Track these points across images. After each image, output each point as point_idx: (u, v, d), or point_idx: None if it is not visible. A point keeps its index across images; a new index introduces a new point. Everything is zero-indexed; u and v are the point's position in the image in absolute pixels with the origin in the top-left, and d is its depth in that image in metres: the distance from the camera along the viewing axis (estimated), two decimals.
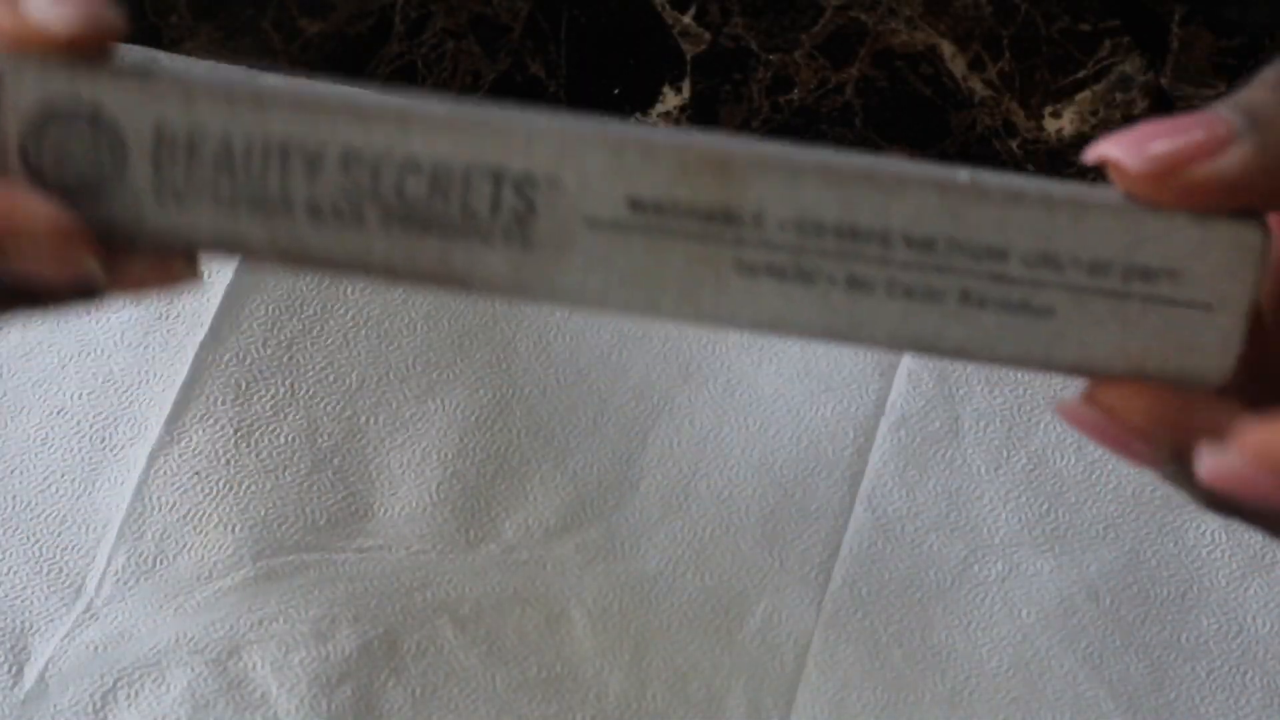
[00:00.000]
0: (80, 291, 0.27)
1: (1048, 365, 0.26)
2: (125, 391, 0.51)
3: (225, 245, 0.26)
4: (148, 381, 0.51)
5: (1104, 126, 0.60)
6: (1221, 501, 0.26)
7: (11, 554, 0.48)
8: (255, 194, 0.26)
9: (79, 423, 0.50)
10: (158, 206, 0.26)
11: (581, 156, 0.25)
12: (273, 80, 0.26)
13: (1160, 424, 0.25)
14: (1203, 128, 0.24)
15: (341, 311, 0.52)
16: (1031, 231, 0.25)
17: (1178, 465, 0.26)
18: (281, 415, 0.50)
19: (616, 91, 0.62)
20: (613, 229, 0.26)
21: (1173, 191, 0.24)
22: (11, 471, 0.49)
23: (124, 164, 0.26)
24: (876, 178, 0.25)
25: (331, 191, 0.26)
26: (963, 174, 0.25)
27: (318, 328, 0.52)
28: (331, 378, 0.51)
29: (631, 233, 0.26)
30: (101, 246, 0.26)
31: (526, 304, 0.50)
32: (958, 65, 0.61)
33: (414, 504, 0.49)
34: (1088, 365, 0.26)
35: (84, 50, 0.25)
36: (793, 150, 0.26)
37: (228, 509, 0.48)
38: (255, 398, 0.50)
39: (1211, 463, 0.24)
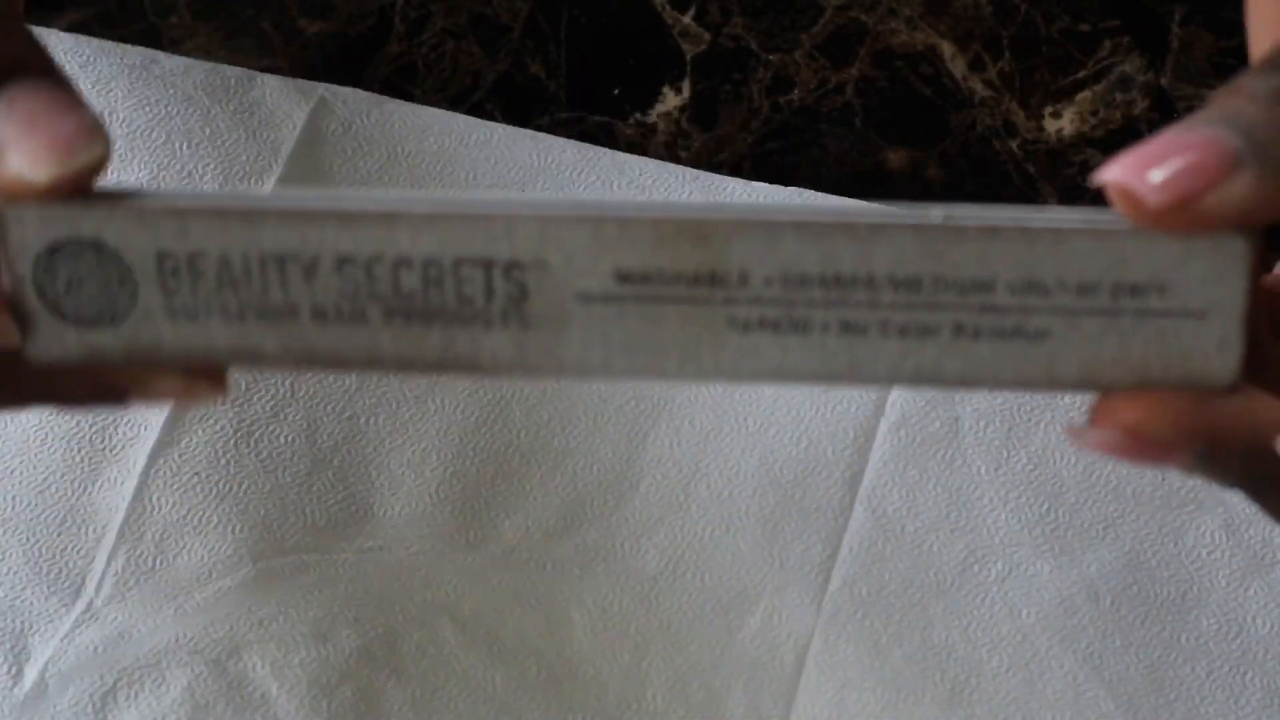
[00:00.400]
0: (108, 401, 0.28)
1: (1052, 385, 0.26)
2: None
3: (243, 356, 0.27)
4: None
5: (1104, 126, 0.60)
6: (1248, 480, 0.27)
7: (11, 554, 0.48)
8: (261, 305, 0.26)
9: (79, 423, 0.50)
10: (172, 326, 0.27)
11: (562, 237, 0.26)
12: (260, 193, 0.27)
13: (1186, 432, 0.26)
14: (1206, 151, 0.24)
15: None
16: (1013, 261, 0.25)
17: (1207, 464, 0.26)
18: (281, 415, 0.50)
19: (616, 91, 0.62)
20: (605, 302, 0.26)
21: (1181, 223, 0.24)
22: (11, 471, 0.49)
23: (134, 290, 0.26)
24: (852, 227, 0.25)
25: (332, 294, 0.26)
26: (936, 213, 0.26)
27: None
28: (331, 378, 0.51)
29: (624, 303, 0.26)
30: (125, 369, 0.27)
31: (538, 382, 0.51)
32: (958, 65, 0.61)
33: (414, 504, 0.49)
34: (1092, 381, 0.26)
35: (73, 189, 0.26)
36: (766, 208, 0.26)
37: (228, 509, 0.48)
38: (255, 398, 0.50)
39: None
